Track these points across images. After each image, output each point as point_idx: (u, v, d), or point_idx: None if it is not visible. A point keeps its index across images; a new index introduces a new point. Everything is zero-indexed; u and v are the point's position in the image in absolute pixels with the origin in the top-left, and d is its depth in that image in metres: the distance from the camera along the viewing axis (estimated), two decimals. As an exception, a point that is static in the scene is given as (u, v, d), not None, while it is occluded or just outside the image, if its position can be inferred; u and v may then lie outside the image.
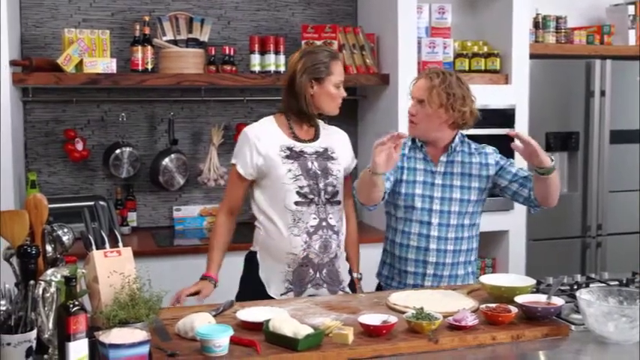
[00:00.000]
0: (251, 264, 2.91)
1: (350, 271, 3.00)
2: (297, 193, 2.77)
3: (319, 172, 2.81)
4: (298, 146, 2.85)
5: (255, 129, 2.88)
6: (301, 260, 2.79)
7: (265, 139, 2.83)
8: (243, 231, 3.15)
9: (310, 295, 2.77)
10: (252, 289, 2.85)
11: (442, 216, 2.88)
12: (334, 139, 2.96)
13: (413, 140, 2.97)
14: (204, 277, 2.88)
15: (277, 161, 2.79)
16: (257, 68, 4.25)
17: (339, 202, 2.87)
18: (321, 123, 2.98)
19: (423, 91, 2.84)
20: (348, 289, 2.92)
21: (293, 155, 2.82)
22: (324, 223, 2.80)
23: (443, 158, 2.92)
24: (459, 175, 2.90)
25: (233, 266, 2.96)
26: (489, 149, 2.99)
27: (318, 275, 2.82)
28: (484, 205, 3.00)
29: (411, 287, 2.88)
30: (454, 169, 2.91)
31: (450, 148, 2.91)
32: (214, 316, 2.31)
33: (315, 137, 2.92)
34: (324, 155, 2.87)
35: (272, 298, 2.81)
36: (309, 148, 2.86)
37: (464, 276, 2.95)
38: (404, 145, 2.95)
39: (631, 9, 4.84)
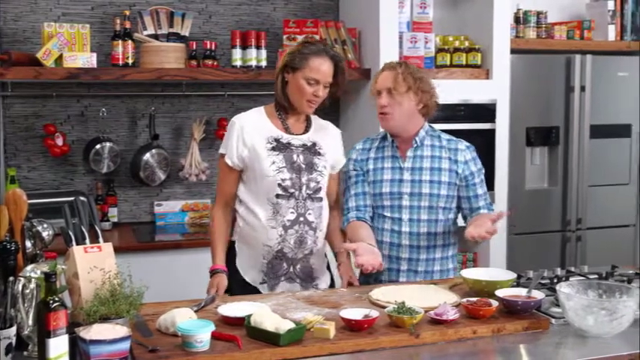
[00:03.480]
0: (229, 253, 2.91)
1: (335, 255, 3.00)
2: (279, 185, 2.77)
3: (303, 166, 2.80)
4: (286, 137, 2.84)
5: (243, 119, 2.87)
6: (275, 253, 2.79)
7: (252, 130, 2.82)
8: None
9: (283, 291, 2.77)
10: (229, 277, 2.85)
11: (412, 212, 2.87)
12: (325, 134, 2.95)
13: (383, 138, 2.98)
14: (213, 271, 2.82)
15: (262, 154, 2.78)
16: (238, 63, 4.24)
17: (320, 199, 2.86)
18: (314, 117, 2.97)
19: (390, 80, 2.85)
20: (321, 288, 2.89)
21: (279, 147, 2.81)
22: (301, 219, 2.80)
23: (410, 153, 2.91)
24: (429, 170, 2.88)
25: (205, 260, 2.97)
26: (462, 145, 2.95)
27: (291, 269, 2.83)
28: (459, 201, 2.96)
29: (387, 283, 2.89)
30: (423, 164, 2.89)
31: (416, 142, 2.90)
32: (195, 311, 2.31)
33: (306, 130, 2.91)
34: (312, 150, 2.86)
35: (250, 286, 2.82)
36: (297, 140, 2.85)
37: (442, 272, 2.93)
38: (371, 146, 3.01)
39: (610, 4, 4.87)
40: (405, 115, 2.87)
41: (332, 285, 2.97)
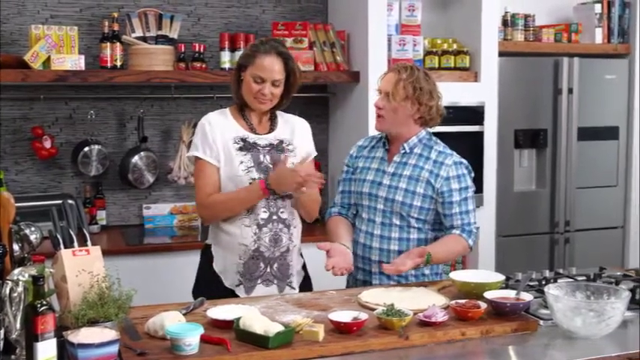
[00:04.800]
0: (206, 257, 2.91)
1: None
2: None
3: (270, 166, 2.79)
4: (252, 137, 2.84)
5: (210, 118, 2.87)
6: (252, 252, 2.78)
7: (221, 130, 2.83)
8: (205, 230, 3.13)
9: (260, 295, 2.75)
10: (207, 281, 2.86)
11: (385, 215, 2.88)
12: (292, 129, 2.93)
13: (381, 139, 3.00)
14: (263, 187, 2.73)
15: (231, 153, 2.79)
16: (227, 65, 4.24)
17: (291, 196, 2.84)
18: (280, 113, 2.96)
19: (390, 84, 2.84)
20: (295, 286, 2.89)
21: (246, 147, 2.81)
22: (274, 217, 2.80)
23: (396, 159, 2.91)
24: (407, 178, 2.87)
25: (194, 263, 2.97)
26: (449, 161, 2.88)
27: (268, 270, 2.81)
28: (435, 213, 2.90)
29: (362, 283, 2.90)
30: (404, 172, 2.88)
31: (403, 148, 2.90)
32: (184, 314, 2.30)
33: (271, 130, 2.90)
34: (278, 148, 2.85)
35: (228, 289, 2.80)
36: (263, 140, 2.85)
37: (416, 277, 2.89)
38: (369, 144, 3.04)
39: (598, 7, 4.90)
40: (398, 122, 2.87)
41: (308, 286, 2.97)
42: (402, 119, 2.86)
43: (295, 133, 2.93)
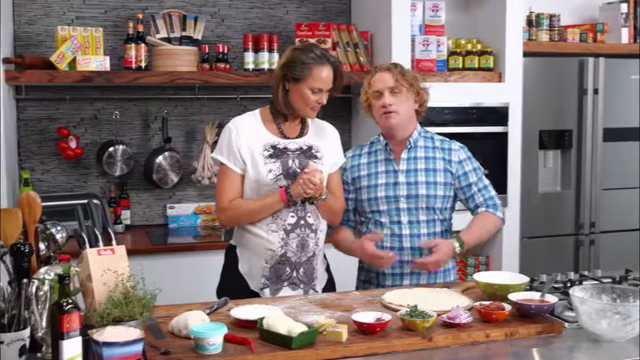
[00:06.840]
0: (230, 258, 2.89)
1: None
2: None
3: (298, 171, 2.75)
4: (282, 143, 2.81)
5: (238, 124, 2.82)
6: (279, 258, 2.77)
7: (249, 136, 2.79)
8: (229, 231, 3.12)
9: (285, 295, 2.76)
10: (232, 282, 2.85)
11: (411, 213, 2.88)
12: (322, 135, 2.91)
13: (372, 143, 3.01)
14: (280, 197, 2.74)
15: (259, 161, 2.75)
16: (251, 66, 4.25)
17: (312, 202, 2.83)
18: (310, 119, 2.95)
19: (389, 80, 2.86)
20: (318, 288, 2.88)
21: (276, 154, 2.77)
22: (302, 222, 2.78)
23: (404, 155, 2.92)
24: (423, 171, 2.89)
25: (217, 263, 2.97)
26: (455, 146, 2.97)
27: (294, 274, 2.80)
28: (454, 201, 2.98)
29: (391, 287, 2.86)
30: (417, 166, 2.90)
31: (409, 143, 2.92)
32: (208, 314, 2.31)
33: (301, 134, 2.87)
34: (307, 153, 2.82)
35: (254, 292, 2.80)
36: (294, 144, 2.82)
37: (444, 272, 2.92)
38: (361, 152, 3.03)
39: (624, 7, 4.86)
40: (408, 115, 2.91)
41: (331, 287, 2.96)
42: (410, 111, 2.91)
43: (325, 139, 2.91)
